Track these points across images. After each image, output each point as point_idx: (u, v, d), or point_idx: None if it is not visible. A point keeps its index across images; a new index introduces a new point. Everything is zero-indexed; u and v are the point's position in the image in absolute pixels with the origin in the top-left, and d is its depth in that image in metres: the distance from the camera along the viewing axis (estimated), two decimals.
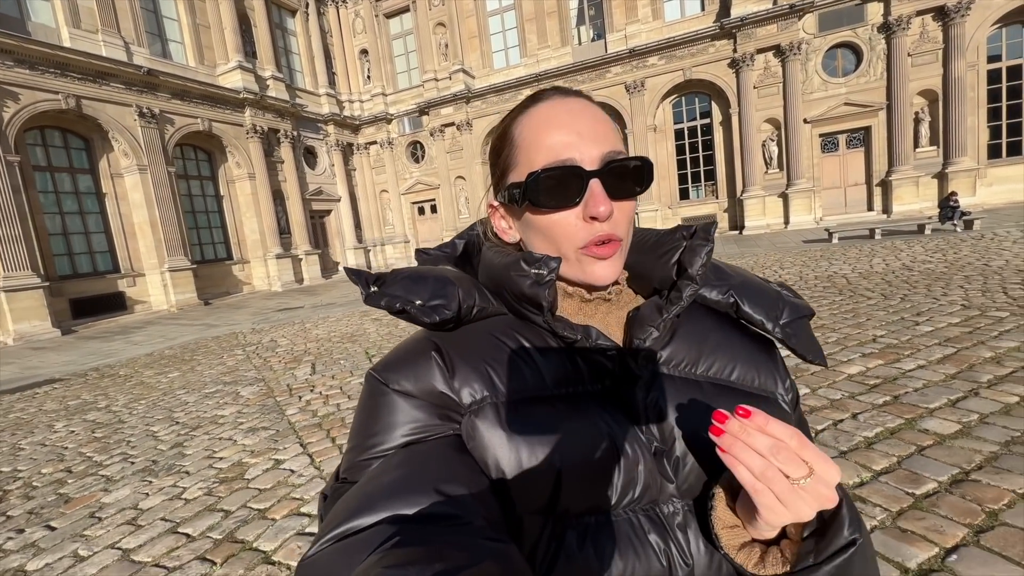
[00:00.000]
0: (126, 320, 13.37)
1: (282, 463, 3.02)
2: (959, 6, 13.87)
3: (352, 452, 0.48)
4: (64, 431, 4.32)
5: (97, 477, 3.18)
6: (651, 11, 17.57)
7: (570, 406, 0.47)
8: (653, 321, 0.51)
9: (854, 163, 16.22)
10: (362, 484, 0.43)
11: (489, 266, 0.55)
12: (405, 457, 0.44)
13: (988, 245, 8.14)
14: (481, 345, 0.50)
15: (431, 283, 0.51)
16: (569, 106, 0.50)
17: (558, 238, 0.50)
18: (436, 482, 0.40)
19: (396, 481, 0.41)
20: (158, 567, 2.09)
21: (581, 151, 0.48)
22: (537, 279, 0.48)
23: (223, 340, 8.54)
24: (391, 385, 0.47)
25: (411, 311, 0.49)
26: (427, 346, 0.50)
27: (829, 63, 15.80)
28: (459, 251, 0.62)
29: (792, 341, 0.54)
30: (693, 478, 0.48)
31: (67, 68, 12.35)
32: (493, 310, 0.53)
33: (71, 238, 13.24)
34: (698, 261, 0.51)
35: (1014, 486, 1.90)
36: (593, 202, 0.47)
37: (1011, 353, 3.30)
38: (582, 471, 0.44)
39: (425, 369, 0.48)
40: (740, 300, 0.55)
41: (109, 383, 6.24)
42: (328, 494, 0.48)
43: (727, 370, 0.52)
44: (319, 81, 20.76)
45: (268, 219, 17.62)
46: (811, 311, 0.57)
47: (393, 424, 0.46)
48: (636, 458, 0.46)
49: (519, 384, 0.48)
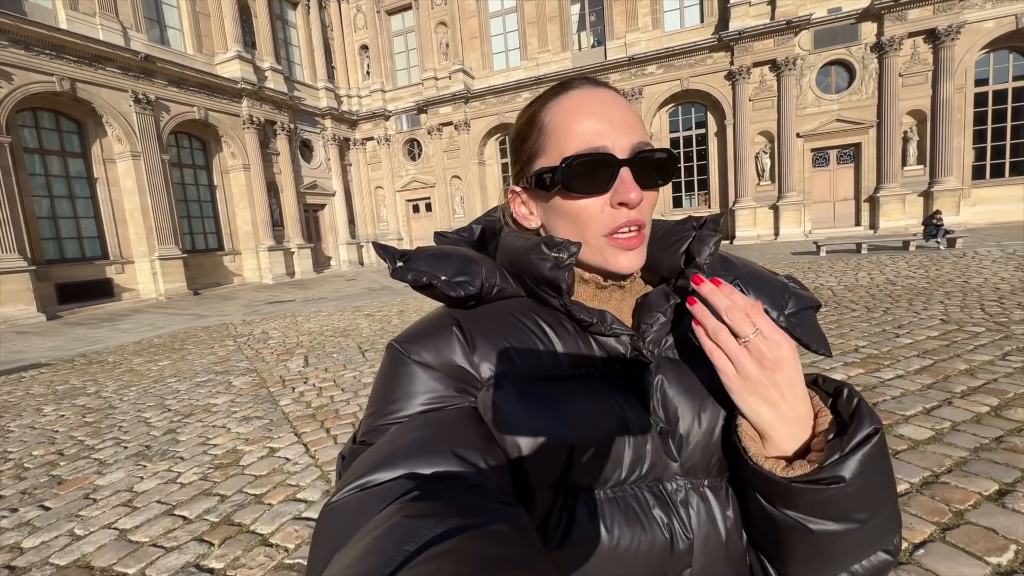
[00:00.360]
0: (113, 307, 13.21)
1: (277, 451, 3.06)
2: (949, 30, 14.24)
3: (371, 417, 0.49)
4: (54, 415, 4.31)
5: (90, 460, 3.19)
6: (651, 20, 17.80)
7: (584, 386, 0.49)
8: (660, 307, 0.52)
9: (844, 178, 16.55)
10: (382, 443, 0.44)
11: (509, 249, 0.56)
12: (424, 421, 0.46)
13: (969, 263, 8.38)
14: (501, 323, 0.51)
15: (455, 261, 0.53)
16: (600, 95, 0.51)
17: (584, 223, 0.51)
18: (454, 445, 0.42)
19: (416, 441, 0.42)
20: (156, 547, 2.13)
21: (613, 139, 0.49)
22: (557, 262, 0.50)
23: (213, 331, 8.51)
24: (412, 356, 0.49)
25: (437, 284, 0.51)
26: (448, 321, 0.51)
27: (823, 79, 16.11)
28: (476, 236, 0.64)
29: (797, 331, 0.54)
30: (696, 457, 0.49)
31: (63, 50, 12.20)
32: (512, 291, 0.55)
33: (60, 222, 13.07)
34: (706, 250, 0.53)
35: (980, 488, 2.02)
36: (623, 189, 0.49)
37: (984, 366, 3.44)
38: (594, 446, 0.46)
39: (446, 343, 0.49)
40: (746, 289, 0.56)
41: (97, 369, 6.20)
42: (346, 455, 0.50)
43: None
44: (318, 75, 20.70)
45: (261, 211, 17.51)
46: (817, 303, 0.58)
47: (412, 393, 0.48)
48: (644, 437, 0.48)
49: (536, 362, 0.50)
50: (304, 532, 2.13)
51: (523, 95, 19.54)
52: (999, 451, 2.30)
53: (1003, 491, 1.99)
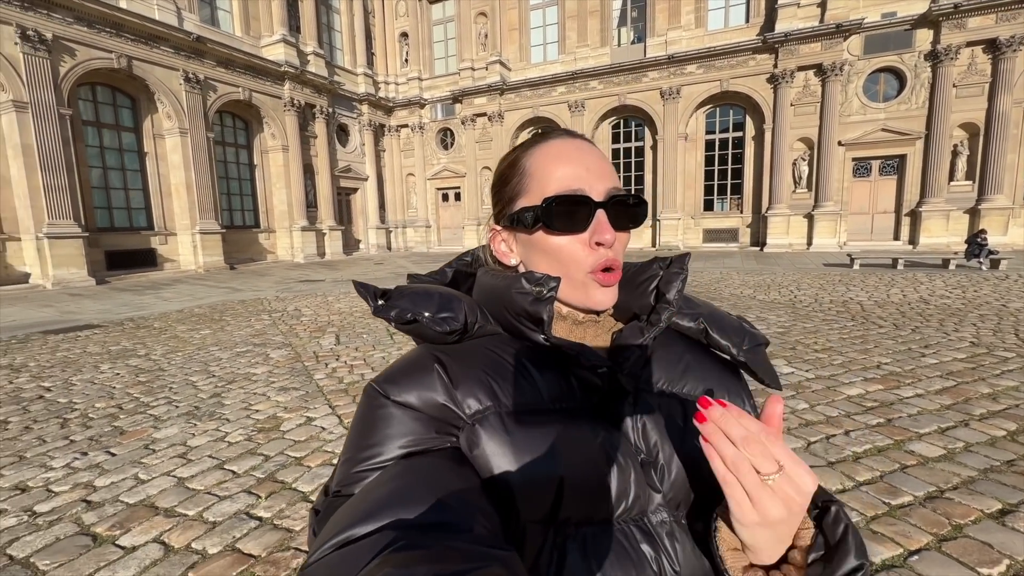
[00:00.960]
0: (156, 276, 13.92)
1: (314, 420, 3.31)
2: (1012, 40, 13.59)
3: (345, 464, 0.48)
4: (110, 372, 4.69)
5: (146, 416, 3.50)
6: (694, 18, 17.48)
7: (566, 420, 0.49)
8: (635, 339, 0.54)
9: (885, 190, 16.05)
10: (360, 494, 0.43)
11: (486, 287, 0.58)
12: (403, 468, 0.44)
13: (1010, 286, 8.12)
14: (482, 359, 0.52)
15: (437, 297, 0.54)
16: (577, 144, 0.56)
17: (567, 261, 0.54)
18: (437, 491, 0.41)
19: (397, 490, 0.41)
20: (210, 495, 2.38)
21: (590, 184, 0.53)
22: (538, 295, 0.51)
23: (249, 304, 8.93)
24: (392, 397, 0.48)
25: (422, 321, 0.52)
26: (429, 358, 0.51)
27: (871, 87, 15.60)
28: (448, 278, 0.65)
29: (753, 365, 0.58)
30: (678, 487, 0.50)
31: (122, 28, 12.81)
32: (490, 329, 0.56)
33: (111, 193, 13.80)
34: (674, 288, 0.56)
35: (983, 506, 2.09)
36: (600, 229, 0.53)
37: (1008, 391, 3.43)
38: (582, 480, 0.46)
39: (427, 381, 0.49)
40: (709, 327, 0.59)
41: (145, 334, 6.63)
42: (320, 509, 0.48)
43: (700, 388, 0.56)
44: (358, 61, 21.08)
45: (297, 191, 18.06)
46: (766, 340, 0.62)
47: (390, 436, 0.47)
48: (627, 469, 0.49)
49: (519, 397, 0.50)
50: None
51: (558, 89, 19.51)
52: (1009, 473, 2.35)
53: (1005, 510, 2.06)
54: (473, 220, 21.47)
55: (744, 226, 17.78)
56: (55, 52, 11.61)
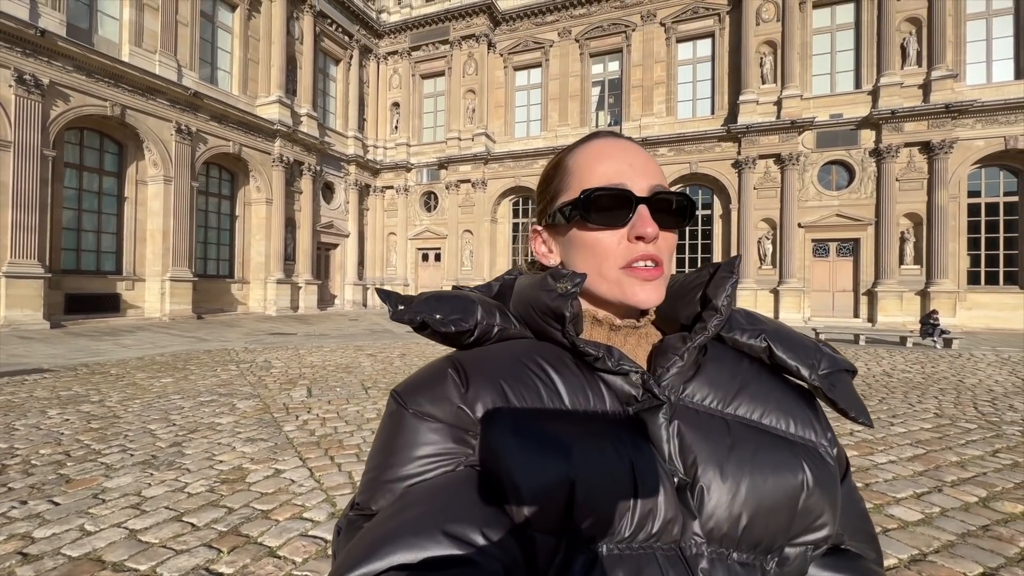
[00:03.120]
0: (116, 322, 13.31)
1: (283, 472, 3.12)
2: (943, 144, 15.28)
3: (367, 475, 0.48)
4: (58, 418, 4.36)
5: (96, 464, 3.24)
6: (665, 107, 19.15)
7: (588, 426, 0.46)
8: (677, 350, 0.51)
9: (843, 270, 17.08)
10: (371, 527, 0.43)
11: (520, 290, 0.57)
12: (416, 496, 0.44)
13: (964, 364, 8.54)
14: (499, 361, 0.50)
15: (453, 301, 0.53)
16: (622, 143, 0.54)
17: (602, 255, 0.52)
18: (449, 522, 0.40)
19: (406, 523, 0.41)
20: (166, 548, 2.18)
21: (632, 179, 0.51)
22: (562, 292, 0.49)
23: (215, 354, 8.57)
24: (409, 406, 0.48)
25: (430, 322, 0.51)
26: (445, 364, 0.51)
27: (824, 176, 17.06)
28: (494, 291, 0.63)
29: (832, 392, 0.50)
30: (720, 518, 0.44)
31: (120, 79, 13.17)
32: (515, 332, 0.54)
33: (82, 235, 13.49)
34: (722, 292, 0.52)
35: (966, 569, 2.09)
36: (640, 223, 0.50)
37: (975, 460, 3.54)
38: (597, 490, 0.43)
39: (442, 387, 0.48)
40: (773, 344, 0.53)
41: (100, 380, 6.24)
42: (342, 527, 0.49)
43: (756, 412, 0.50)
44: (349, 124, 22.01)
45: (276, 244, 18.01)
46: (853, 367, 0.54)
47: (409, 447, 0.46)
48: (656, 488, 0.44)
49: (535, 401, 0.47)
50: (312, 548, 2.19)
51: (540, 162, 20.61)
52: (985, 538, 2.38)
53: (986, 574, 2.07)
54: (452, 280, 21.62)
55: None
56: (49, 96, 11.78)
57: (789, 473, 0.46)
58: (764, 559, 0.46)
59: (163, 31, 14.35)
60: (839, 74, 17.09)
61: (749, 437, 0.48)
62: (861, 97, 16.44)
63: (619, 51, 20.05)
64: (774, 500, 0.45)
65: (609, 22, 19.90)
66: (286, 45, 18.14)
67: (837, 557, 0.52)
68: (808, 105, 16.92)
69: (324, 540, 2.28)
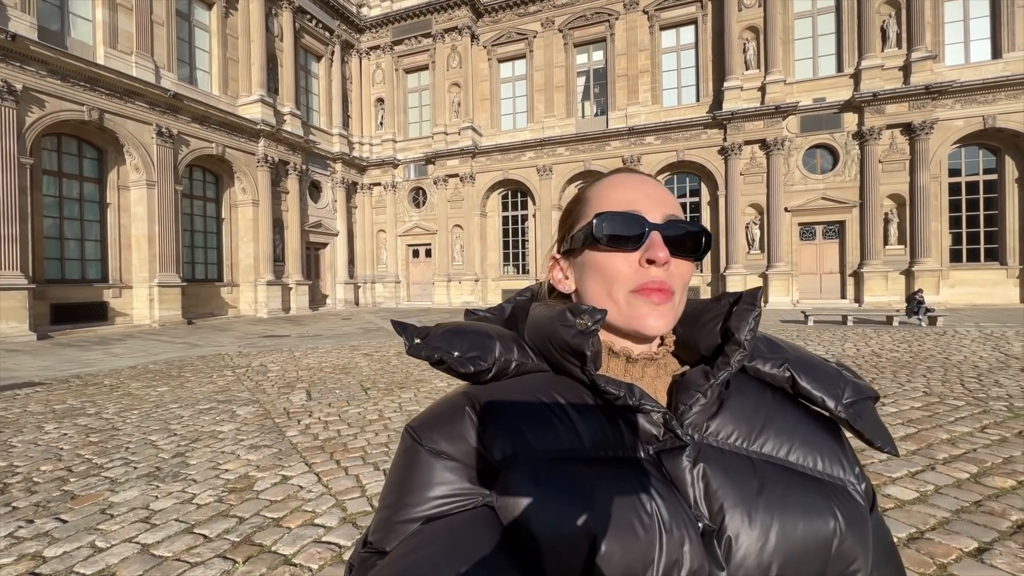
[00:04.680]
0: (105, 331, 13.11)
1: (290, 479, 3.13)
2: (924, 125, 15.50)
3: (380, 513, 0.48)
4: (56, 433, 4.31)
5: (100, 478, 3.22)
6: (651, 96, 19.16)
7: (608, 470, 0.44)
8: (700, 387, 0.49)
9: (829, 252, 17.33)
10: (384, 565, 0.43)
11: (535, 320, 0.55)
12: (429, 536, 0.43)
13: (949, 341, 8.75)
14: (516, 399, 0.49)
15: (470, 336, 0.52)
16: (640, 176, 0.56)
17: (611, 278, 0.52)
18: (462, 565, 0.40)
19: (418, 564, 0.41)
20: (180, 561, 2.19)
21: (646, 207, 0.52)
22: (582, 328, 0.48)
23: (210, 360, 8.50)
24: (424, 443, 0.47)
25: (448, 361, 0.50)
26: (462, 401, 0.50)
27: (809, 160, 17.24)
28: (507, 314, 0.63)
29: (858, 423, 0.49)
30: (750, 568, 0.42)
31: (96, 83, 12.86)
32: (532, 366, 0.53)
33: (66, 243, 13.23)
34: (745, 326, 0.50)
35: (962, 545, 2.18)
36: (653, 248, 0.50)
37: (964, 437, 3.65)
38: (621, 542, 0.40)
39: (459, 425, 0.47)
40: (797, 374, 0.52)
41: (94, 391, 6.17)
42: (355, 563, 0.48)
43: (783, 449, 0.49)
44: (333, 122, 21.73)
45: (265, 246, 17.81)
46: (876, 394, 0.53)
47: (423, 486, 0.46)
48: (681, 536, 0.41)
49: (554, 442, 0.46)
50: (327, 554, 2.21)
51: (527, 154, 20.58)
52: (978, 513, 2.47)
53: (982, 548, 2.15)
54: (443, 276, 21.59)
55: (704, 284, 18.62)
56: (23, 102, 11.47)
57: (819, 519, 0.44)
58: None
59: (138, 32, 14.01)
60: (821, 58, 17.22)
61: (777, 478, 0.46)
62: (843, 80, 16.59)
63: (603, 40, 19.99)
64: (805, 548, 0.43)
65: (592, 11, 19.80)
66: (265, 42, 17.81)
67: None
68: (792, 90, 17.05)
69: (339, 545, 2.30)
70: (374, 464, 3.39)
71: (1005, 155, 15.57)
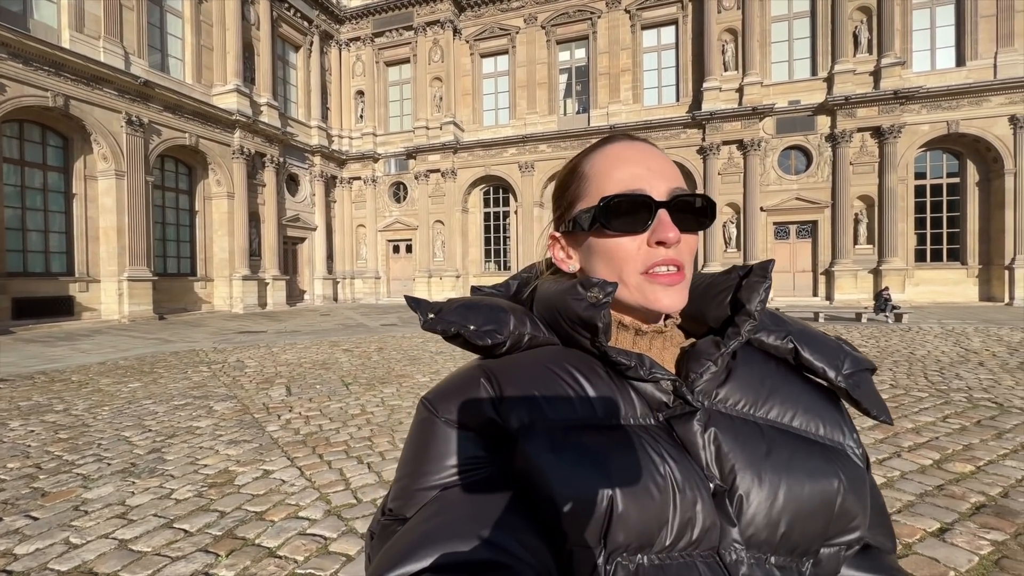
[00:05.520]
0: (71, 326, 12.64)
1: (272, 473, 3.10)
2: (892, 128, 16.05)
3: (399, 482, 0.49)
4: (22, 430, 4.16)
5: (72, 475, 3.13)
6: (632, 95, 19.35)
7: (621, 436, 0.46)
8: (711, 355, 0.50)
9: (802, 251, 17.82)
10: (407, 530, 0.43)
11: (544, 295, 0.56)
12: (450, 500, 0.44)
13: (914, 337, 9.12)
14: (531, 371, 0.50)
15: (484, 310, 0.53)
16: (639, 146, 0.54)
17: (622, 261, 0.51)
18: (483, 527, 0.41)
19: (442, 527, 0.41)
20: (160, 556, 2.15)
21: (651, 184, 0.51)
22: (593, 301, 0.48)
23: (183, 356, 8.29)
24: (440, 414, 0.48)
25: (464, 334, 0.51)
26: (477, 373, 0.50)
27: (784, 161, 17.68)
28: (512, 291, 0.63)
29: (856, 393, 0.52)
30: (760, 524, 0.45)
31: (62, 68, 12.34)
32: (544, 339, 0.54)
33: (28, 235, 12.68)
34: (756, 297, 0.52)
35: (925, 526, 2.30)
36: (661, 228, 0.50)
37: (927, 426, 3.83)
38: (637, 503, 0.42)
39: (474, 396, 0.48)
40: (800, 345, 0.54)
41: (62, 387, 5.96)
42: (376, 531, 0.49)
43: (787, 415, 0.51)
44: (312, 114, 21.32)
45: (240, 239, 17.39)
46: (873, 365, 0.55)
47: (441, 455, 0.47)
48: (694, 496, 0.43)
49: (568, 411, 0.47)
50: (312, 546, 2.21)
51: (510, 150, 20.56)
52: (940, 496, 2.61)
53: (943, 529, 2.28)
54: (424, 272, 21.44)
55: None
56: None
57: (824, 479, 0.47)
58: (800, 561, 0.47)
59: (106, 16, 13.47)
60: (797, 61, 17.64)
61: (783, 442, 0.48)
62: (817, 84, 17.05)
63: (585, 38, 20.08)
64: (812, 505, 0.46)
65: (575, 8, 19.86)
66: (241, 31, 17.33)
67: (863, 556, 0.53)
68: (768, 92, 17.43)
69: (324, 538, 2.29)
70: (358, 458, 3.38)
71: (967, 159, 16.25)
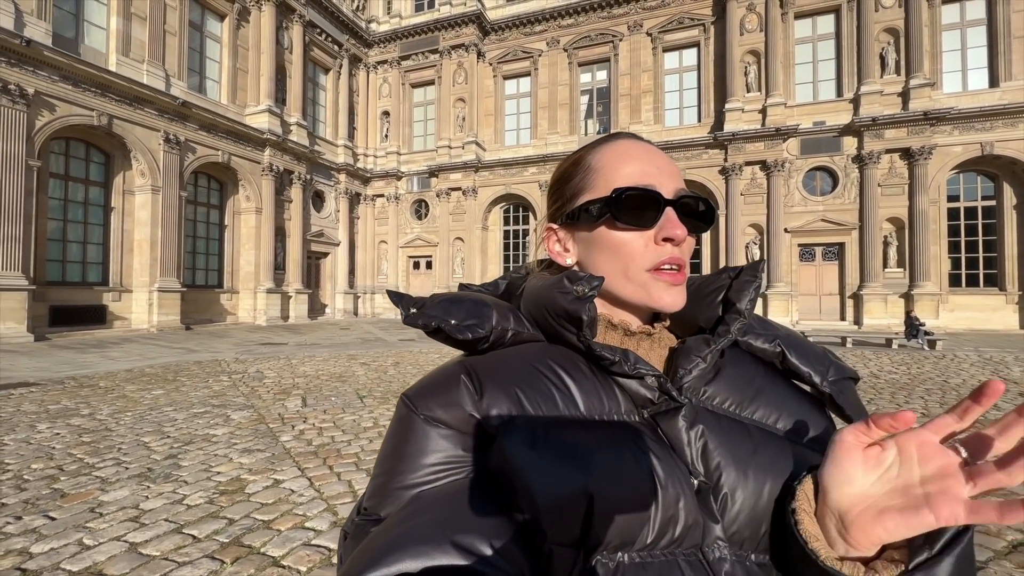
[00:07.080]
0: (103, 334, 13.09)
1: (282, 483, 3.11)
2: (922, 150, 15.67)
3: (375, 480, 0.47)
4: (48, 432, 4.29)
5: (91, 477, 3.20)
6: (653, 116, 19.42)
7: (604, 433, 0.45)
8: (700, 351, 0.50)
9: (829, 274, 17.37)
10: (380, 532, 0.42)
11: (532, 290, 0.55)
12: (426, 503, 0.43)
13: (948, 364, 8.73)
14: (513, 367, 0.49)
15: (467, 305, 0.52)
16: (645, 145, 0.54)
17: (628, 256, 0.51)
18: (458, 532, 0.40)
19: (415, 531, 0.40)
20: (168, 560, 2.17)
21: (660, 181, 0.51)
22: (579, 295, 0.48)
23: (206, 366, 8.48)
24: (420, 411, 0.47)
25: (446, 329, 0.50)
26: (458, 370, 0.49)
27: (809, 182, 17.39)
28: (501, 290, 0.63)
29: (840, 399, 0.52)
30: (743, 522, 0.44)
31: (108, 89, 13.06)
32: (528, 336, 0.53)
33: (68, 246, 13.29)
34: (746, 296, 0.52)
35: None
36: (669, 225, 0.50)
37: None
38: (617, 500, 0.42)
39: (454, 393, 0.47)
40: (787, 350, 0.54)
41: (89, 393, 6.15)
42: (349, 532, 0.48)
43: (772, 417, 0.51)
44: (339, 133, 22.00)
45: (266, 253, 17.88)
46: (857, 375, 0.55)
47: (418, 453, 0.46)
48: (677, 493, 0.43)
49: (550, 407, 0.47)
50: (316, 557, 2.19)
51: (530, 169, 20.77)
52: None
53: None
54: (444, 288, 21.61)
55: None
56: (34, 106, 11.64)
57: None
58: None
59: (151, 41, 14.28)
60: (821, 83, 17.49)
61: (769, 442, 0.48)
62: (843, 105, 16.83)
63: (607, 60, 20.34)
64: None
65: (597, 32, 20.19)
66: (275, 55, 18.12)
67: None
68: (792, 113, 17.28)
69: (328, 549, 2.28)
70: (367, 470, 3.37)
71: (1003, 182, 15.71)
